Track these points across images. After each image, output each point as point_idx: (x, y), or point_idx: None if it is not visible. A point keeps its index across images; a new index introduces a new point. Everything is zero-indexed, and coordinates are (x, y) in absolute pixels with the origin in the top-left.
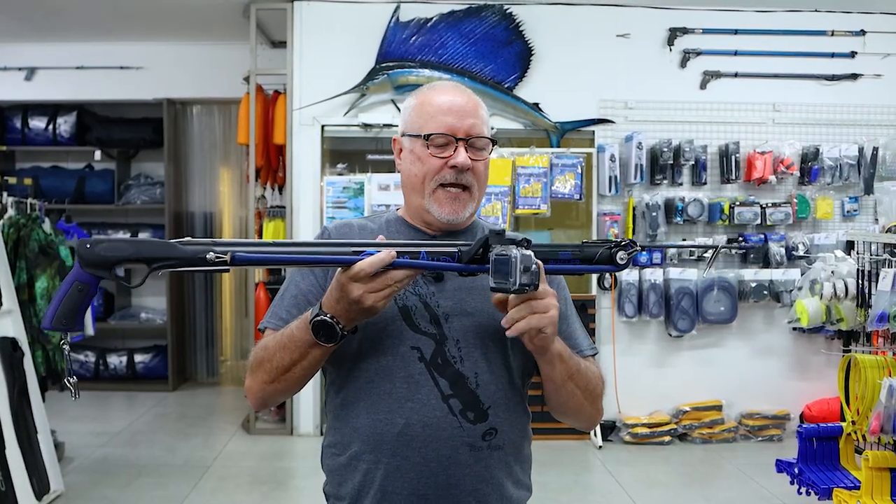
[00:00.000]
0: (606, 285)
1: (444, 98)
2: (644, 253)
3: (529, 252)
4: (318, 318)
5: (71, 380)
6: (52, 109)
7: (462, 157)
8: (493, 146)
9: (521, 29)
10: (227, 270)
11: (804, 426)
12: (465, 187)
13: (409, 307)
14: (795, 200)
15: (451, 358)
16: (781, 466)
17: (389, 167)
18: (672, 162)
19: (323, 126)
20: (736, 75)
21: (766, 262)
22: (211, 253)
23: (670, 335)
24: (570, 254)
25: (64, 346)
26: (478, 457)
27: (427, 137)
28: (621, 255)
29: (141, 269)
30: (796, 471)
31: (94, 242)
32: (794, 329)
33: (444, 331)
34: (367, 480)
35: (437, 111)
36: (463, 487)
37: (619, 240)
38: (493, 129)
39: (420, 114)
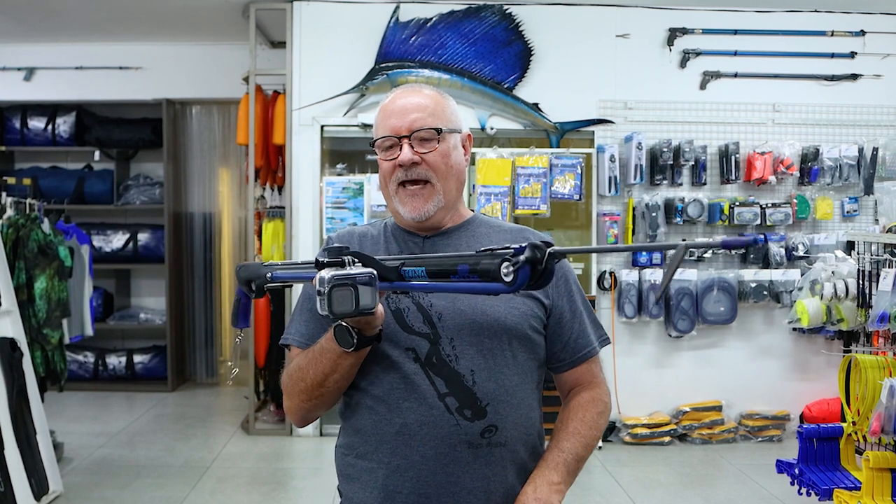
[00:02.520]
0: (606, 285)
1: (394, 103)
2: (646, 253)
3: (331, 274)
4: (337, 324)
5: (231, 365)
6: (51, 110)
7: (404, 153)
8: (442, 134)
9: (520, 29)
10: (282, 287)
11: (805, 426)
12: (424, 182)
13: (402, 309)
14: (795, 201)
15: (447, 357)
16: (782, 467)
17: None
18: (672, 162)
19: (322, 126)
20: (736, 75)
21: (765, 262)
22: (269, 273)
23: (670, 336)
24: (468, 267)
25: (237, 340)
26: (477, 454)
27: (373, 144)
28: (505, 269)
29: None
30: (797, 471)
31: (238, 267)
32: (794, 329)
33: (437, 330)
34: (371, 480)
35: (384, 117)
36: (463, 485)
37: (518, 246)
38: (492, 129)
39: (374, 125)
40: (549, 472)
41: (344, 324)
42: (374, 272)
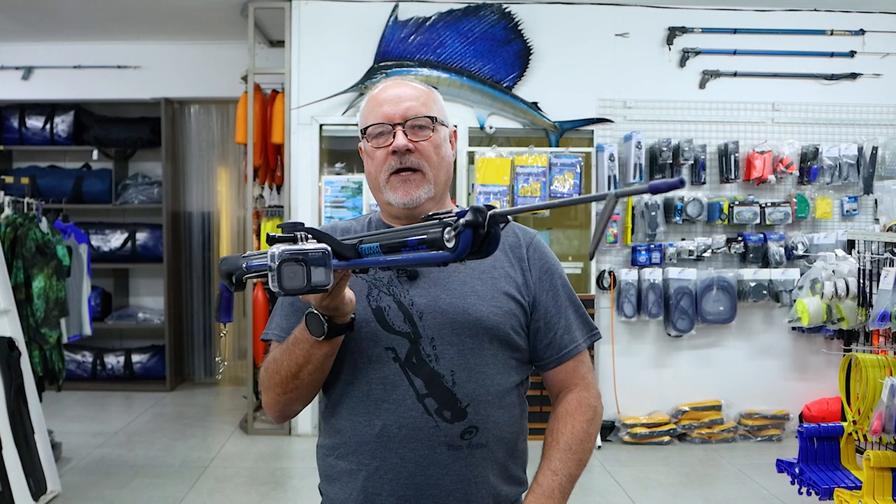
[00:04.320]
0: (605, 285)
1: (386, 93)
2: (645, 252)
3: (281, 249)
4: (308, 311)
5: (220, 361)
6: (49, 109)
7: (399, 139)
8: (435, 123)
9: (519, 28)
10: (255, 277)
11: (805, 426)
12: (414, 170)
13: (383, 308)
14: (794, 200)
15: (426, 357)
16: (782, 466)
17: None
18: (671, 161)
19: (321, 125)
20: (735, 75)
21: (765, 261)
22: (245, 263)
23: (669, 335)
24: (416, 239)
25: (222, 335)
26: (457, 456)
27: (365, 132)
28: (447, 235)
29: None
30: (797, 471)
31: (221, 261)
32: (794, 329)
33: (418, 329)
34: (351, 482)
35: (374, 106)
36: (443, 487)
37: (460, 210)
38: (491, 128)
39: (363, 114)
40: (545, 501)
41: (315, 311)
42: (328, 248)
